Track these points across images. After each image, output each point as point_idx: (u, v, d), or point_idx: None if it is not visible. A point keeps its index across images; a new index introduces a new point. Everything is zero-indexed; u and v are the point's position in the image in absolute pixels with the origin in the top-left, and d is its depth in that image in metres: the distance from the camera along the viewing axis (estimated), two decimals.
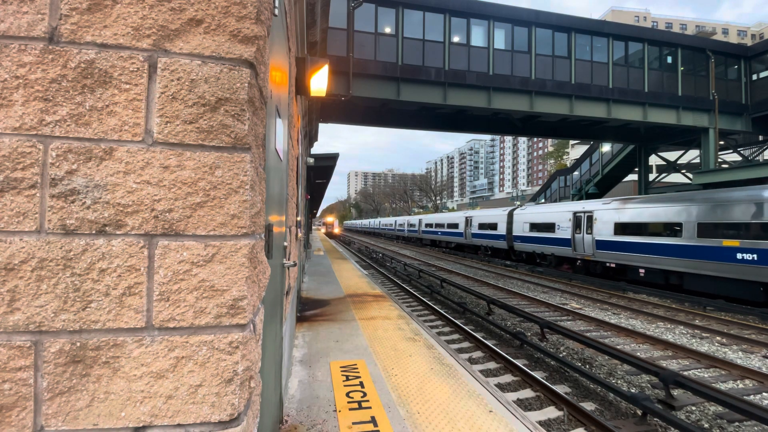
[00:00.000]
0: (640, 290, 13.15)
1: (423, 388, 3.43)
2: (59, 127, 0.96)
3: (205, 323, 1.01)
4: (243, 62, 1.06)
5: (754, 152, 22.81)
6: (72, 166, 0.96)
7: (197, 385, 1.00)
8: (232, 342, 1.02)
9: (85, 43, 0.97)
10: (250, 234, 1.07)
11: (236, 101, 1.05)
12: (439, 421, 2.87)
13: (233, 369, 1.02)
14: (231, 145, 1.05)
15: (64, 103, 0.96)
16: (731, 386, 6.26)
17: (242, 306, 1.04)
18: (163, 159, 1.01)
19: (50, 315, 0.94)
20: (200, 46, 1.03)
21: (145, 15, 1.00)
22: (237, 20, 1.06)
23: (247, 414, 1.09)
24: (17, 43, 0.94)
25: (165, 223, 1.00)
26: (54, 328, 0.94)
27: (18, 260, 0.92)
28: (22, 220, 0.93)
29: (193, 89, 1.02)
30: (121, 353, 0.97)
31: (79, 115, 0.97)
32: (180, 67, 1.02)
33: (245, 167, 1.06)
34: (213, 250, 1.03)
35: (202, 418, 0.99)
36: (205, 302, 1.01)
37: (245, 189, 1.05)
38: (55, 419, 0.93)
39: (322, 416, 2.91)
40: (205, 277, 1.02)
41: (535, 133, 19.50)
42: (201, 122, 1.03)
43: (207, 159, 1.03)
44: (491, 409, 3.05)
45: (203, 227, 1.02)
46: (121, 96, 0.99)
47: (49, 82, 0.95)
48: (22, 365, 0.92)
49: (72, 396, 0.94)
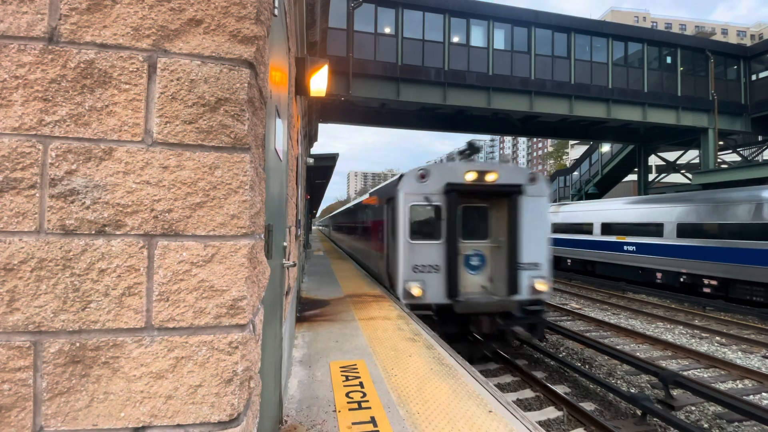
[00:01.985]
0: (639, 290, 13.25)
1: (423, 388, 3.43)
2: (59, 127, 0.95)
3: (204, 323, 1.01)
4: (243, 62, 1.06)
5: (754, 152, 22.84)
6: (71, 166, 0.96)
7: (197, 385, 1.00)
8: (231, 342, 1.02)
9: (85, 43, 0.97)
10: (249, 234, 1.07)
11: (236, 101, 1.05)
12: (439, 421, 2.87)
13: (233, 369, 1.02)
14: (231, 145, 1.05)
15: (64, 103, 0.96)
16: (731, 386, 6.26)
17: (242, 306, 1.04)
18: (162, 159, 1.01)
19: (50, 315, 0.94)
20: (200, 46, 1.03)
21: (145, 15, 1.00)
22: (237, 20, 1.06)
23: (247, 414, 1.09)
24: (17, 43, 0.94)
25: (164, 223, 1.00)
26: (53, 329, 0.94)
27: (17, 260, 0.92)
28: (21, 221, 0.93)
29: (192, 89, 1.02)
30: (120, 353, 0.97)
31: (79, 116, 0.97)
32: (180, 67, 1.02)
33: (245, 167, 1.06)
34: (213, 251, 1.03)
35: (202, 418, 0.99)
36: (204, 302, 1.01)
37: (245, 189, 1.05)
38: (54, 420, 0.93)
39: (321, 416, 2.91)
40: (204, 278, 1.02)
41: (534, 133, 19.51)
42: (201, 122, 1.03)
43: (206, 159, 1.03)
44: (491, 409, 3.05)
45: (203, 227, 1.02)
46: (121, 96, 0.99)
47: (48, 82, 0.95)
48: (22, 365, 0.92)
49: (71, 396, 0.94)
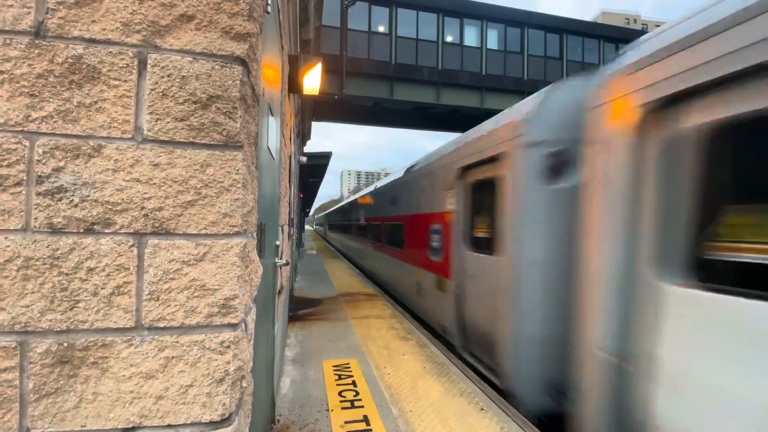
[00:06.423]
0: None
1: (415, 386, 3.44)
2: (46, 123, 0.94)
3: (195, 323, 1.00)
4: (235, 59, 1.05)
5: None
6: (59, 163, 0.94)
7: (188, 385, 0.99)
8: (223, 342, 1.02)
9: (73, 38, 0.95)
10: (242, 233, 1.06)
11: (228, 99, 1.04)
12: (432, 419, 2.88)
13: (224, 369, 1.01)
14: (223, 143, 1.04)
15: (51, 99, 0.94)
16: None
17: (234, 305, 1.03)
18: (153, 157, 0.99)
19: (36, 315, 0.92)
20: (191, 42, 1.02)
21: (135, 10, 0.98)
22: (229, 17, 1.05)
23: (239, 414, 1.08)
24: (2, 37, 0.92)
25: (155, 221, 0.99)
26: (40, 329, 0.92)
27: (3, 259, 0.90)
28: (7, 218, 0.91)
29: (184, 86, 1.01)
30: (109, 353, 0.95)
31: (67, 112, 0.95)
32: (170, 63, 1.00)
33: (237, 165, 1.05)
34: (204, 249, 1.02)
35: (193, 418, 0.98)
36: (196, 302, 1.00)
37: (237, 187, 1.05)
38: (41, 421, 0.91)
39: (314, 415, 2.91)
40: (196, 277, 1.01)
41: None
42: (192, 120, 1.01)
43: (198, 157, 1.02)
44: (483, 407, 3.08)
45: (194, 226, 1.01)
46: (110, 92, 0.97)
47: (35, 78, 0.93)
48: (7, 366, 0.90)
49: (59, 397, 0.92)
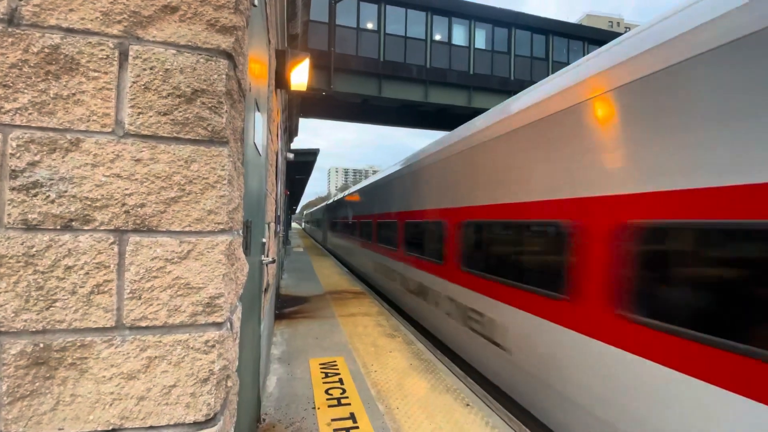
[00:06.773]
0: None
1: (402, 383, 3.46)
2: (20, 115, 0.90)
3: (179, 322, 0.98)
4: (221, 53, 1.03)
5: None
6: (34, 157, 0.90)
7: (171, 385, 0.97)
8: (208, 341, 1.00)
9: (49, 26, 0.91)
10: (227, 230, 1.04)
11: (213, 93, 1.01)
12: (418, 415, 2.90)
13: (209, 368, 0.99)
14: (208, 138, 1.01)
15: (26, 90, 0.90)
16: None
17: (219, 304, 1.01)
18: (135, 151, 0.96)
19: (10, 315, 0.88)
20: (175, 34, 0.99)
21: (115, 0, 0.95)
22: (214, 9, 1.02)
23: (224, 414, 1.07)
24: None
25: (137, 218, 0.96)
26: (14, 329, 0.89)
27: None
28: None
29: (167, 79, 0.98)
30: (89, 354, 0.92)
31: (43, 104, 0.91)
32: (153, 55, 0.97)
33: (223, 161, 1.03)
34: (188, 247, 0.99)
35: (176, 419, 0.96)
36: (179, 300, 0.98)
37: (223, 184, 1.02)
38: (15, 425, 0.88)
39: (300, 414, 2.89)
40: (179, 275, 0.98)
41: None
42: (176, 114, 0.99)
43: (182, 152, 0.99)
44: (468, 402, 3.11)
45: (178, 223, 0.99)
46: (89, 84, 0.94)
47: (8, 68, 0.89)
48: None
49: (35, 400, 0.89)
